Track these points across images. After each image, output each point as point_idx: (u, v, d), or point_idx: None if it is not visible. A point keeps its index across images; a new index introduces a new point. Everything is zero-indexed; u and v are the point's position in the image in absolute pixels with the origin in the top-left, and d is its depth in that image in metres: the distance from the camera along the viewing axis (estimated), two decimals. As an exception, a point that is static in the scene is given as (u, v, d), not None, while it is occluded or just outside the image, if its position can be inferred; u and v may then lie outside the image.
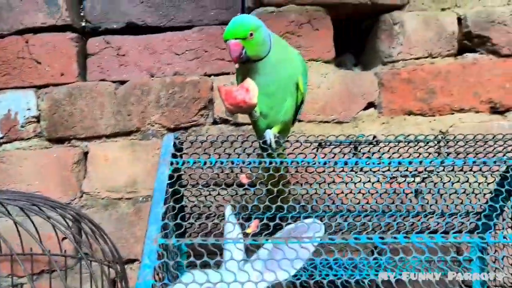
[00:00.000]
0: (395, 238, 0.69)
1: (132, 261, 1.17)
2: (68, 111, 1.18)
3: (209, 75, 1.21)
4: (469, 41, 1.23)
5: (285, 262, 0.62)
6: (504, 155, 0.85)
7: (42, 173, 1.18)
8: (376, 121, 1.21)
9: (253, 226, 0.70)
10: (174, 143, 0.84)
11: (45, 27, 1.20)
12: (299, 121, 1.18)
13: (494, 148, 0.86)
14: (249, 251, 0.75)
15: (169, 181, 0.76)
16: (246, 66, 0.85)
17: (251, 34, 0.80)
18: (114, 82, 1.21)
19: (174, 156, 0.82)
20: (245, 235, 0.72)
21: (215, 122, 1.21)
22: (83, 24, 1.24)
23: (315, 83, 1.19)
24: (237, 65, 0.82)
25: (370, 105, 1.22)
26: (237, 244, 0.71)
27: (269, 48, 0.84)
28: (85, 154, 1.20)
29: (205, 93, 1.19)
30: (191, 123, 1.20)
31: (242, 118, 1.18)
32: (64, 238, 1.07)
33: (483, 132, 1.16)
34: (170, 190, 0.77)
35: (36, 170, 1.18)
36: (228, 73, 1.21)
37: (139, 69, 1.21)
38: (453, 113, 1.21)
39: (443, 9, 1.23)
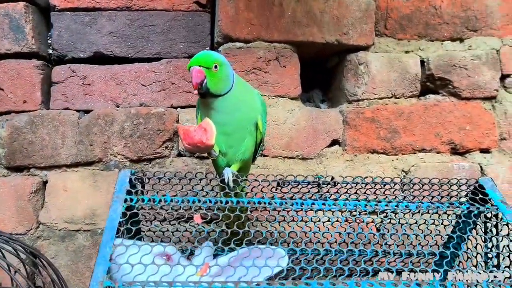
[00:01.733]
0: (344, 284, 0.69)
1: (87, 295, 1.14)
2: (28, 139, 1.16)
3: (176, 107, 1.21)
4: (432, 83, 1.26)
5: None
6: (458, 199, 0.86)
7: (-2, 201, 1.14)
8: (340, 158, 1.22)
9: (203, 269, 0.68)
10: (130, 179, 0.83)
11: (9, 54, 1.18)
12: (264, 156, 1.19)
13: (449, 193, 0.88)
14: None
15: (122, 219, 0.75)
16: (207, 102, 0.85)
17: (216, 67, 0.81)
18: (78, 111, 1.19)
19: (129, 193, 0.81)
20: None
21: (179, 155, 1.20)
22: (50, 51, 1.22)
23: (281, 118, 1.20)
24: (196, 92, 0.82)
25: (335, 142, 1.23)
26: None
27: (231, 86, 0.84)
28: (44, 183, 1.17)
29: (170, 125, 1.18)
30: (155, 155, 1.18)
31: (206, 151, 1.17)
32: (15, 272, 1.03)
33: (444, 172, 1.19)
34: (124, 227, 0.76)
35: (-8, 199, 1.14)
36: (194, 106, 1.20)
37: (105, 99, 1.20)
38: (415, 153, 1.23)
39: (406, 52, 1.26)
